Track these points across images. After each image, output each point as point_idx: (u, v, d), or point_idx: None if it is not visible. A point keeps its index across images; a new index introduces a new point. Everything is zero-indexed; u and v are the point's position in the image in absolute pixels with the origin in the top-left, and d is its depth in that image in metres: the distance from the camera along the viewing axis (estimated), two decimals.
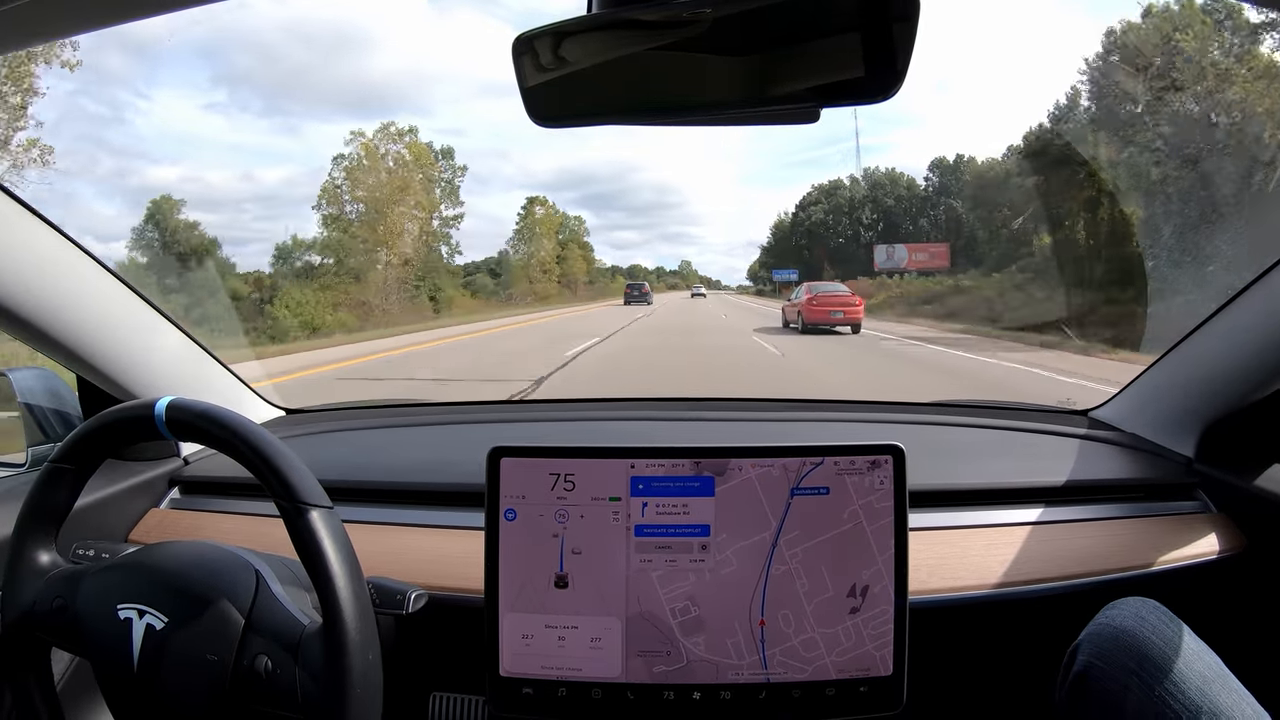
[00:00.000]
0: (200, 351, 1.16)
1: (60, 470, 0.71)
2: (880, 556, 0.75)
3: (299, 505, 0.64)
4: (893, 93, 0.52)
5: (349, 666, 0.61)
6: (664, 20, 0.53)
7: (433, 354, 10.30)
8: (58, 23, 0.56)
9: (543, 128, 0.59)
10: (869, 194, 28.40)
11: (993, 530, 0.94)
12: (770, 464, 0.76)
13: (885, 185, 28.08)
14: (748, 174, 57.27)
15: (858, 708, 0.76)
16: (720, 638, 0.76)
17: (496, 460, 0.77)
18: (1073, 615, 0.78)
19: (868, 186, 28.63)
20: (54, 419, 1.08)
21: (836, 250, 27.99)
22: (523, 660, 0.76)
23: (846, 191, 29.43)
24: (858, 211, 28.35)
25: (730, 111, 0.59)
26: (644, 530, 0.76)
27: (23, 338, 0.91)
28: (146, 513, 1.06)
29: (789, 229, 32.56)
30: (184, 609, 0.65)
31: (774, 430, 1.30)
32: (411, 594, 0.74)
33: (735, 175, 56.59)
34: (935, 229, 25.24)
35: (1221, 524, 0.97)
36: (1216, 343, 0.99)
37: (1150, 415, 1.12)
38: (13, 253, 0.84)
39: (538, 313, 20.84)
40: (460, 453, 1.03)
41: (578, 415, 1.45)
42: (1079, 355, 8.63)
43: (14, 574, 0.71)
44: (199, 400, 0.69)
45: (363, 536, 0.73)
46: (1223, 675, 0.68)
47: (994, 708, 0.94)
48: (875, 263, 23.28)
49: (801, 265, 28.48)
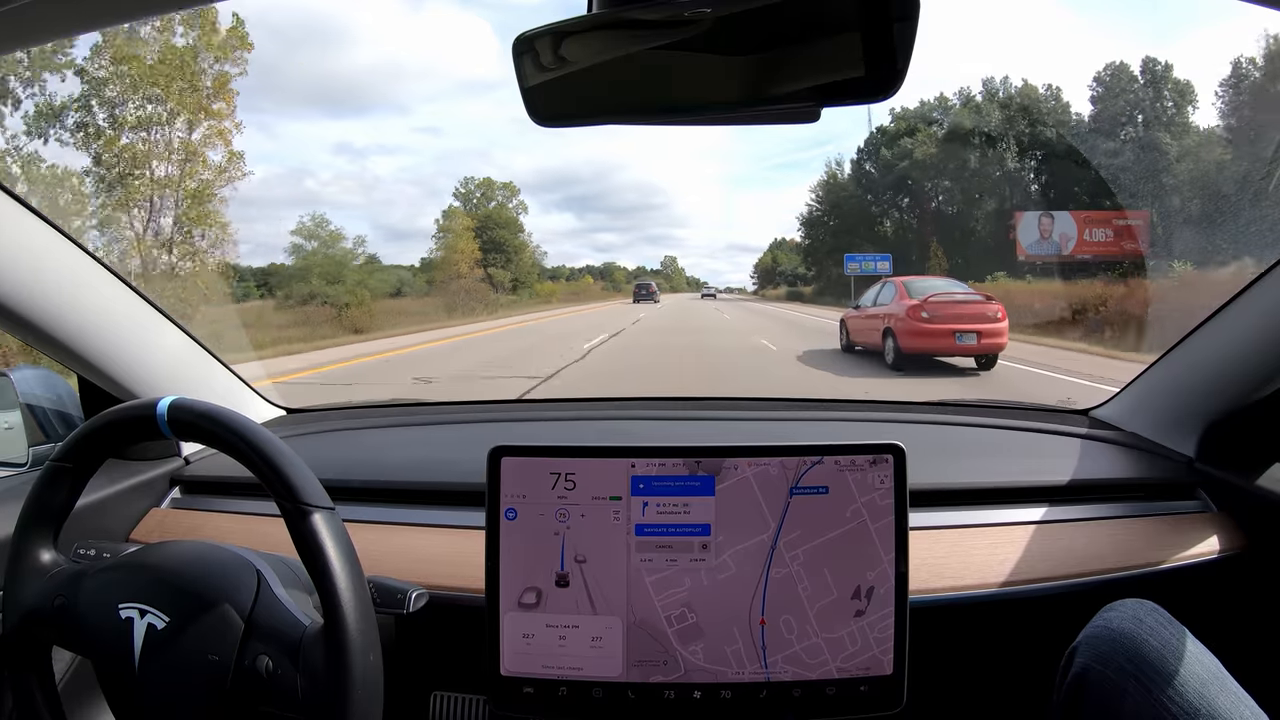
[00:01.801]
0: (201, 351, 1.17)
1: (61, 469, 0.71)
2: (885, 557, 0.75)
3: (300, 506, 0.64)
4: (893, 92, 0.52)
5: (350, 667, 0.61)
6: (664, 20, 0.53)
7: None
8: (58, 23, 0.56)
9: (543, 127, 0.59)
10: (1004, 125, 15.66)
11: (993, 530, 0.94)
12: (767, 463, 0.76)
13: (1026, 111, 15.48)
14: (735, 176, 57.06)
15: (858, 707, 0.76)
16: (719, 645, 0.75)
17: (497, 459, 0.77)
18: (1073, 615, 0.78)
19: (1000, 114, 15.69)
20: (55, 419, 1.08)
21: (947, 221, 16.16)
22: (524, 659, 0.76)
23: (963, 117, 16.25)
24: (992, 150, 15.51)
25: (730, 111, 0.59)
26: (644, 530, 0.76)
27: (24, 338, 0.92)
28: (147, 512, 1.07)
29: (851, 183, 19.49)
30: (185, 609, 0.65)
31: (775, 430, 1.30)
32: (412, 593, 0.74)
33: (721, 176, 56.35)
34: (1110, 191, 13.26)
35: (1222, 523, 0.96)
36: (1217, 342, 0.99)
37: (1151, 414, 1.12)
38: (13, 252, 0.84)
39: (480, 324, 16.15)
40: (461, 452, 1.03)
41: (578, 415, 1.45)
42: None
43: (15, 573, 0.71)
44: (201, 400, 0.69)
45: (364, 536, 0.73)
46: (1221, 677, 0.68)
47: (994, 708, 0.94)
48: (1020, 244, 12.95)
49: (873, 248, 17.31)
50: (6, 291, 0.85)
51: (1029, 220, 13.07)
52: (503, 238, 24.39)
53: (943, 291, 7.47)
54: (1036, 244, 12.82)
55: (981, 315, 7.01)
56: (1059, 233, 12.70)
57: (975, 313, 7.04)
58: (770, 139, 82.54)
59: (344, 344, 12.12)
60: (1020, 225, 13.09)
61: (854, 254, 17.10)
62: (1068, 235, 12.64)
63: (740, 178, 57.79)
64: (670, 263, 43.43)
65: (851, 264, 16.73)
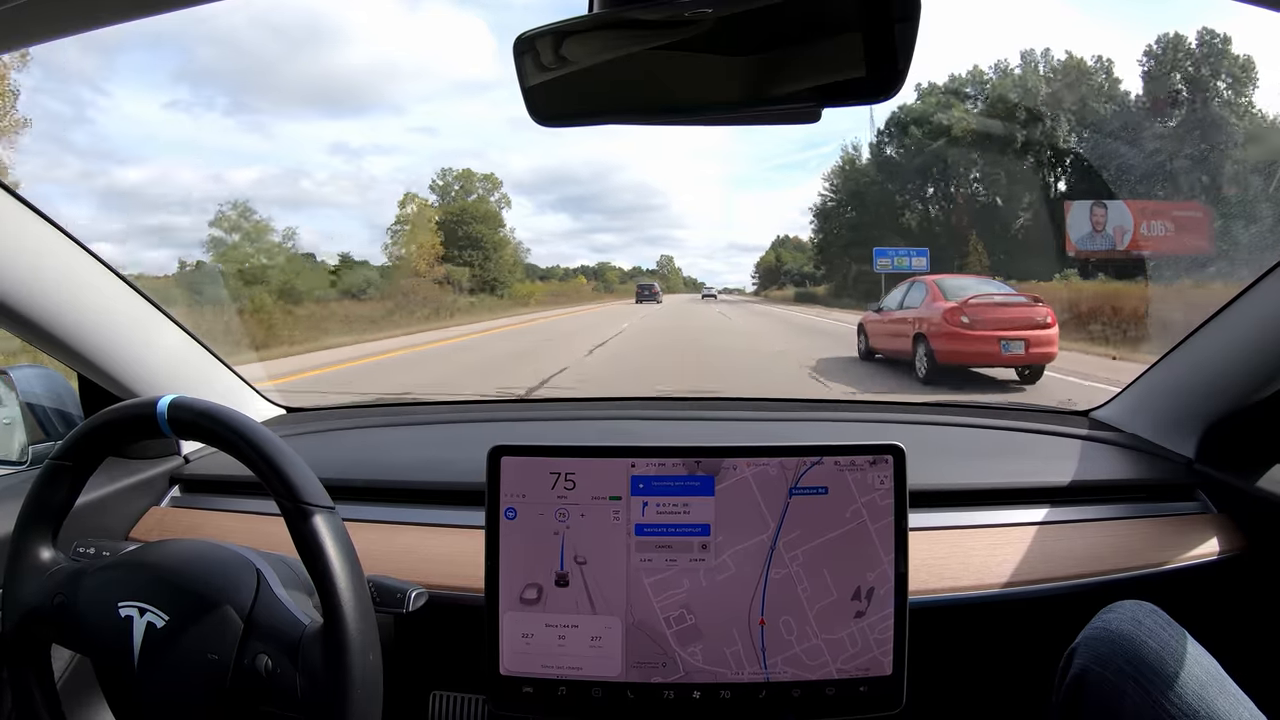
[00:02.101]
0: (201, 350, 1.17)
1: (61, 468, 0.71)
2: (885, 557, 0.75)
3: (300, 505, 0.64)
4: (894, 92, 0.52)
5: (349, 667, 0.61)
6: (665, 20, 0.53)
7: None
8: (58, 23, 0.56)
9: (544, 127, 0.59)
10: (1051, 100, 13.20)
11: (993, 530, 0.94)
12: (766, 463, 0.76)
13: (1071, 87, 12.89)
14: (733, 176, 56.92)
15: (858, 707, 0.76)
16: (718, 646, 0.75)
17: (497, 459, 0.77)
18: (1073, 615, 0.78)
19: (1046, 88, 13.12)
20: (55, 417, 1.08)
21: (985, 212, 13.90)
22: (523, 659, 0.76)
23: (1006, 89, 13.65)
24: (1039, 129, 12.87)
25: (731, 111, 0.59)
26: (644, 529, 0.76)
27: (24, 336, 0.91)
28: (147, 511, 1.07)
29: (872, 168, 16.66)
30: (185, 607, 0.65)
31: (775, 430, 1.30)
32: (412, 593, 0.74)
33: (719, 176, 56.21)
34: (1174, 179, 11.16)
35: (1222, 525, 0.96)
36: (1217, 343, 0.99)
37: (1151, 415, 1.12)
38: (13, 251, 0.84)
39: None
40: (461, 451, 1.03)
41: (579, 414, 1.45)
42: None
43: (15, 571, 0.71)
44: (201, 399, 0.69)
45: (363, 535, 0.73)
46: (1220, 679, 0.68)
47: (993, 708, 0.94)
48: (1069, 238, 11.15)
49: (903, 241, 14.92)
50: (6, 290, 0.84)
51: (1079, 211, 11.12)
52: (480, 233, 22.08)
53: (988, 295, 6.50)
54: (1088, 237, 10.96)
55: (1029, 320, 6.02)
56: (1113, 225, 10.93)
57: (1022, 317, 6.06)
58: (769, 139, 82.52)
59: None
60: (1070, 216, 11.20)
61: (884, 248, 14.92)
62: (1123, 228, 10.85)
63: (738, 178, 57.75)
64: (667, 262, 42.26)
65: (882, 259, 14.47)
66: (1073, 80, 13.49)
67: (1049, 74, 13.74)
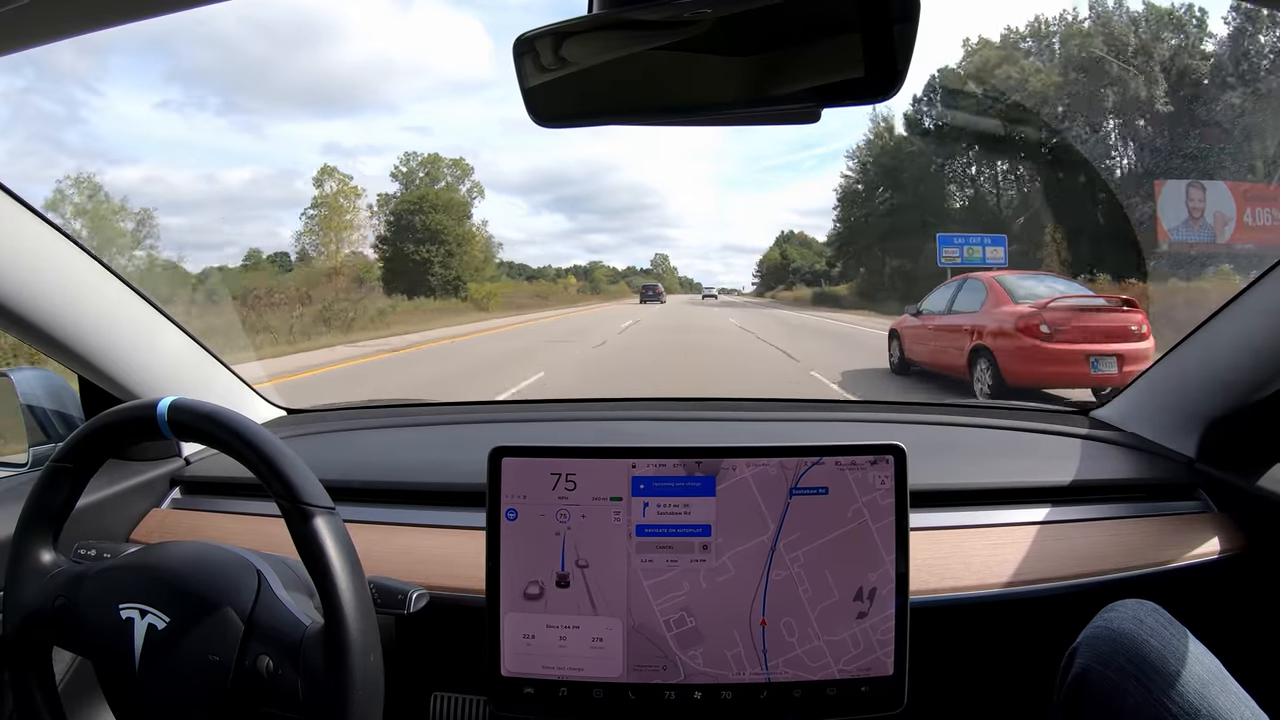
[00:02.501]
0: (201, 351, 1.17)
1: (62, 470, 0.71)
2: (886, 557, 0.75)
3: (301, 507, 0.64)
4: (893, 93, 0.52)
5: (350, 668, 0.61)
6: (665, 20, 0.53)
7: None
8: (58, 23, 0.56)
9: (544, 128, 0.59)
10: (1141, 51, 10.19)
11: (994, 530, 0.94)
12: (766, 464, 0.76)
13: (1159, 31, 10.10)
14: (729, 177, 56.94)
15: (859, 708, 0.76)
16: (719, 649, 0.75)
17: (498, 460, 0.77)
18: (1074, 615, 0.78)
19: (1135, 39, 10.13)
20: (55, 419, 1.08)
21: (1063, 193, 10.96)
22: (524, 660, 0.76)
23: (1090, 39, 10.48)
24: (1127, 91, 9.85)
25: (731, 111, 0.59)
26: (645, 530, 0.76)
27: (24, 338, 0.91)
28: (148, 513, 1.07)
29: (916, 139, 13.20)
30: (186, 609, 0.65)
31: (776, 430, 1.30)
32: (413, 594, 0.74)
33: (715, 177, 56.20)
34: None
35: (1223, 524, 0.96)
36: (1218, 343, 0.99)
37: (1152, 415, 1.12)
38: (13, 252, 0.84)
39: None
40: (461, 452, 1.03)
41: (579, 415, 1.45)
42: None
43: (16, 573, 0.71)
44: (201, 400, 0.69)
45: (364, 536, 0.73)
46: (1221, 678, 0.68)
47: (994, 708, 0.94)
48: (1162, 225, 8.85)
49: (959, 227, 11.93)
50: (6, 291, 0.85)
51: (1173, 193, 8.87)
52: (440, 224, 18.61)
53: (1070, 298, 5.15)
54: (1184, 226, 8.80)
55: (1122, 330, 4.70)
56: (1212, 211, 8.82)
57: (1115, 327, 4.73)
58: (764, 140, 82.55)
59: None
60: (1162, 199, 9.00)
61: (949, 235, 11.70)
62: (1224, 216, 8.77)
63: (734, 179, 57.92)
64: (661, 261, 41.30)
65: (948, 249, 11.39)
66: (1161, 31, 10.86)
67: (1129, 24, 11.21)
